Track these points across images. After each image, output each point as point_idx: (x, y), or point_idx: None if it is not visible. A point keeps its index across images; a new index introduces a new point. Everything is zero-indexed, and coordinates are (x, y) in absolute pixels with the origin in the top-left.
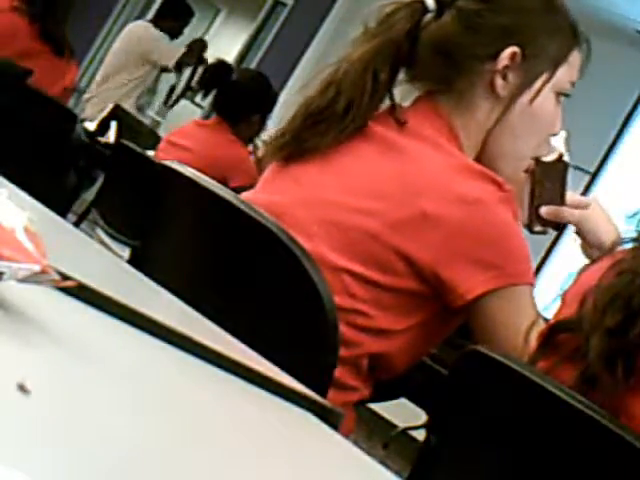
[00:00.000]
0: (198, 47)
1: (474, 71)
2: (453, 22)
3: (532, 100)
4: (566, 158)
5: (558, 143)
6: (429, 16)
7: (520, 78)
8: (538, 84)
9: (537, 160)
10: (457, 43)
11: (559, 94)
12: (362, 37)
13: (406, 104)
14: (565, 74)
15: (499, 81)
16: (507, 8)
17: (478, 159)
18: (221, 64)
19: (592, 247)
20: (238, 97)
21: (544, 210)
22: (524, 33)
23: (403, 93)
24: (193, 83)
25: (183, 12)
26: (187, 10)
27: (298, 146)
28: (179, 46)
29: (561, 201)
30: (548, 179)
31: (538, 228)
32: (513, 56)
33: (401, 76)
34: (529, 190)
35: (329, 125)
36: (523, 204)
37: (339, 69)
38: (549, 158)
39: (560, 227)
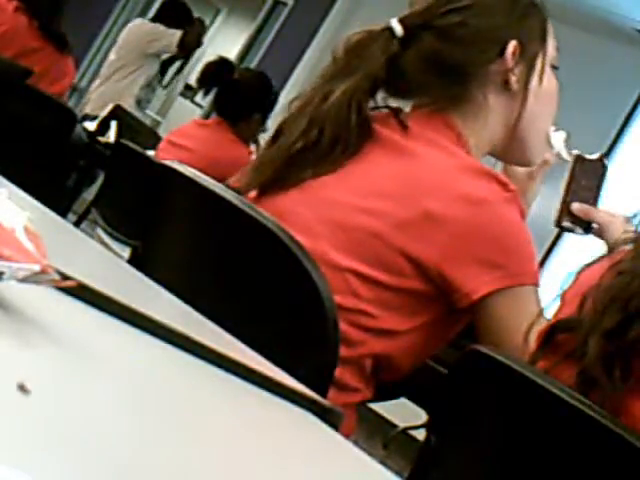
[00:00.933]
0: (197, 27)
1: (482, 77)
2: (440, 42)
3: (540, 81)
4: (565, 156)
5: (558, 143)
6: (396, 42)
7: (525, 67)
8: (539, 65)
9: (578, 156)
10: (456, 59)
11: (552, 66)
12: (333, 69)
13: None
14: (550, 44)
15: (512, 78)
16: (485, 9)
17: (503, 153)
18: (222, 61)
19: None
20: (239, 96)
21: (576, 207)
22: (513, 24)
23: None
24: (192, 75)
25: (184, 17)
26: (188, 16)
27: (277, 185)
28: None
29: (594, 201)
30: (585, 177)
31: (566, 224)
32: (515, 50)
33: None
34: (564, 184)
35: (316, 163)
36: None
37: (318, 110)
38: (591, 156)
39: (589, 230)
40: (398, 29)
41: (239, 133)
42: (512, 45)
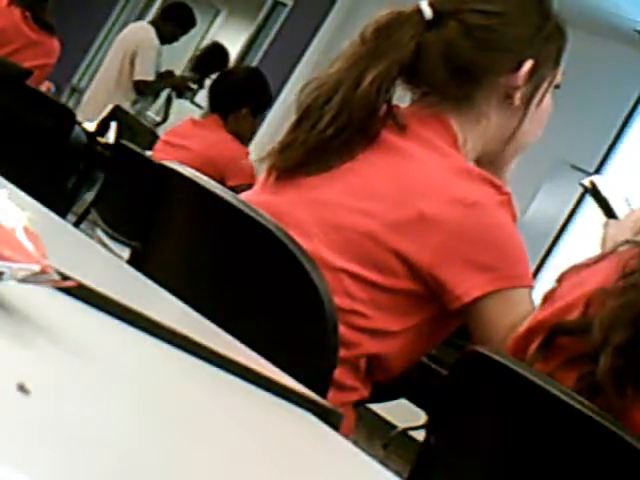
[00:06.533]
0: (166, 79)
1: (490, 85)
2: (462, 38)
3: (540, 102)
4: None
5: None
6: (426, 24)
7: (531, 86)
8: (545, 87)
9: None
10: (473, 61)
11: (554, 87)
12: (362, 50)
13: (398, 102)
14: (560, 69)
15: (517, 95)
16: (516, 21)
17: (482, 162)
18: (216, 47)
19: None
20: (228, 88)
21: None
22: (536, 43)
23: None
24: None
25: (186, 20)
26: (190, 20)
27: (304, 169)
28: (177, 49)
29: None
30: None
31: None
32: (530, 69)
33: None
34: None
35: (340, 150)
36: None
37: (349, 95)
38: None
39: None
40: (427, 12)
41: (230, 128)
42: (529, 64)
